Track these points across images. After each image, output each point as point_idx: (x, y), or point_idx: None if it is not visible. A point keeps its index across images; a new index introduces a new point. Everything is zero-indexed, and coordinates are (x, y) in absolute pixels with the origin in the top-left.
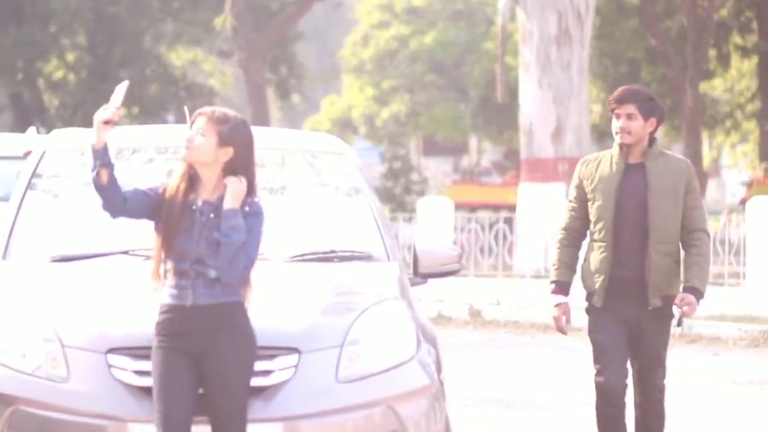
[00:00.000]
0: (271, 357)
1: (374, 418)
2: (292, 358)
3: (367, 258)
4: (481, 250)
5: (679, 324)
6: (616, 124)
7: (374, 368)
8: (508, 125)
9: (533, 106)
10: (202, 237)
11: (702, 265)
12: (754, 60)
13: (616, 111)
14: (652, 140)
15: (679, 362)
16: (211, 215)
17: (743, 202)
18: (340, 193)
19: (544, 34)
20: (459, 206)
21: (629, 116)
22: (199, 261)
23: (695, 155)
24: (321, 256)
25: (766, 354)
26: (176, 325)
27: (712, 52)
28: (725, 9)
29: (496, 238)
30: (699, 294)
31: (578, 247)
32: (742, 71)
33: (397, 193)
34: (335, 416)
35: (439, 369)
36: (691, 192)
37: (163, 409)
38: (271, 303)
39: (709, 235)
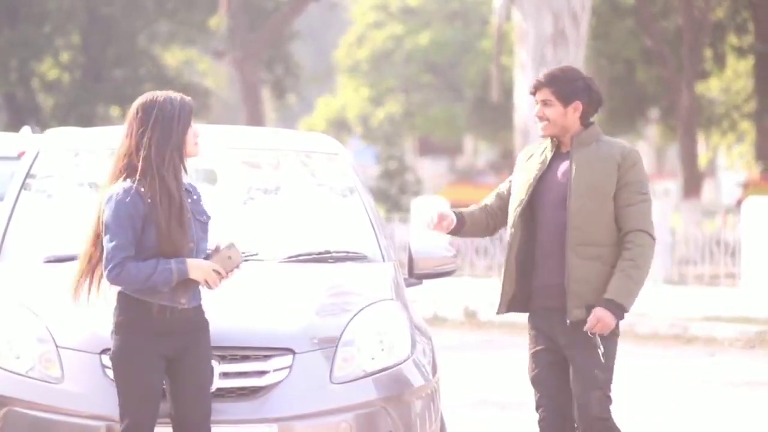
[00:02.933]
0: (266, 357)
1: (369, 419)
2: (287, 359)
3: (361, 259)
4: (477, 251)
5: (599, 346)
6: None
7: (369, 369)
8: (504, 125)
9: (529, 106)
10: (196, 223)
11: (627, 272)
12: (751, 60)
13: (535, 97)
14: (588, 126)
15: (675, 363)
16: (195, 197)
17: (739, 203)
18: (335, 193)
19: (540, 34)
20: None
21: (544, 102)
22: (198, 250)
23: (691, 156)
24: (316, 256)
25: (761, 355)
26: (165, 327)
27: (708, 53)
28: (721, 9)
29: (491, 238)
30: (615, 306)
31: (486, 213)
32: (738, 72)
33: (393, 194)
34: (330, 417)
35: (434, 370)
36: (626, 186)
37: (134, 415)
38: (266, 304)
39: (650, 235)
